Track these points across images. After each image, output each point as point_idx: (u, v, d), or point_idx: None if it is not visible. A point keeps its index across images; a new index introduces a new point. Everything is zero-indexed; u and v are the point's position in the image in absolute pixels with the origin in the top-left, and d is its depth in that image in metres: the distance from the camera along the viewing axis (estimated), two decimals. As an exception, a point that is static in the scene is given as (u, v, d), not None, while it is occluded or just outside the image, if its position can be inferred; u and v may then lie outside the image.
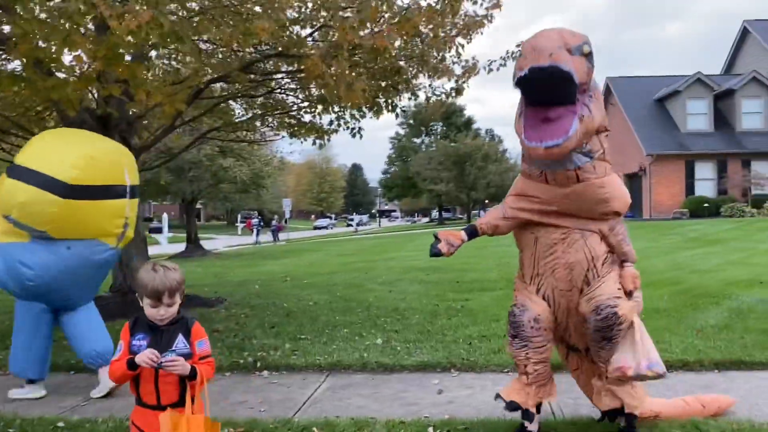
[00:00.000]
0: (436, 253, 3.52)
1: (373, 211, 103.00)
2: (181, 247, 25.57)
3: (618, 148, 34.18)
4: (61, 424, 4.14)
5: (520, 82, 3.06)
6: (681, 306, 7.46)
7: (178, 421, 2.49)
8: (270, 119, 9.40)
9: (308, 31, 6.77)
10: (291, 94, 8.81)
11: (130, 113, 8.49)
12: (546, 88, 3.07)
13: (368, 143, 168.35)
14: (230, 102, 8.84)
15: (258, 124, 9.68)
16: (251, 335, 6.71)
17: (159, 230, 32.85)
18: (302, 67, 5.96)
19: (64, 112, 7.93)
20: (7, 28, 6.21)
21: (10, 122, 8.92)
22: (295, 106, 8.89)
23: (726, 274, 10.11)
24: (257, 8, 5.85)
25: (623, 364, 3.41)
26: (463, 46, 7.94)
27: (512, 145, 64.41)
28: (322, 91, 6.46)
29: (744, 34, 34.97)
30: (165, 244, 29.07)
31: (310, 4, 6.05)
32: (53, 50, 5.58)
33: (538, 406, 3.65)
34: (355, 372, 5.38)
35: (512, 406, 3.57)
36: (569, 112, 3.11)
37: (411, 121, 57.84)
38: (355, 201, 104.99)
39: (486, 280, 10.86)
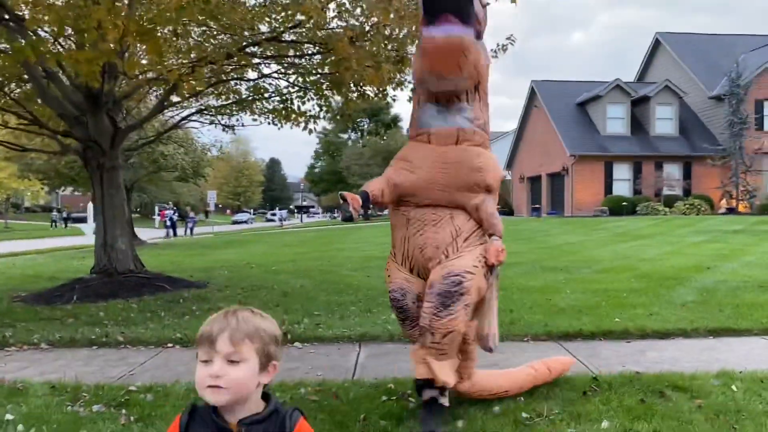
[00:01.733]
0: (349, 217, 3.21)
1: (291, 206, 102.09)
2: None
3: (543, 149, 35.92)
4: (133, 387, 4.19)
5: None
6: (651, 287, 8.18)
7: None
8: (259, 104, 9.43)
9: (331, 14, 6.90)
10: (282, 79, 8.91)
11: (116, 94, 8.32)
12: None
13: (286, 139, 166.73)
14: (239, 82, 8.78)
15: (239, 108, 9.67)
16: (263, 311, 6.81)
17: (83, 220, 31.37)
18: (330, 49, 6.13)
19: (46, 88, 7.73)
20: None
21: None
22: (287, 90, 8.99)
23: (672, 262, 11.06)
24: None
25: (495, 331, 3.63)
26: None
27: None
28: (337, 73, 6.66)
29: (656, 45, 37.56)
30: (90, 234, 27.87)
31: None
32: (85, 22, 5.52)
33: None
34: (384, 342, 5.64)
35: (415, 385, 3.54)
36: (467, 28, 3.11)
37: (338, 116, 57.94)
38: (272, 196, 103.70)
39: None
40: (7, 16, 6.54)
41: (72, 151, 8.91)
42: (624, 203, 30.21)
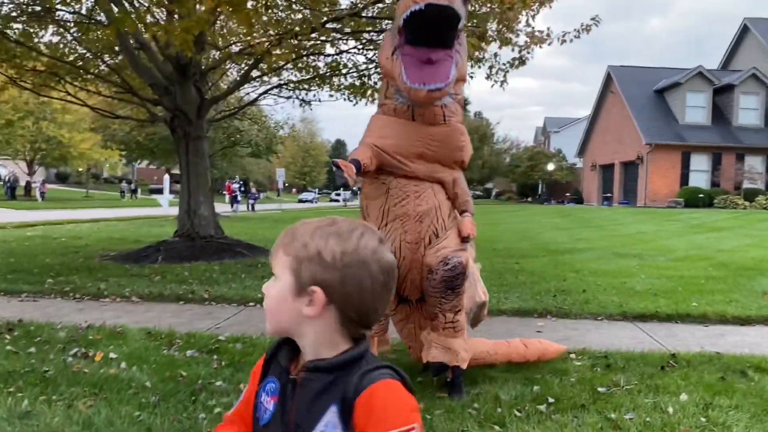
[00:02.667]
0: (344, 183, 3.09)
1: (354, 188, 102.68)
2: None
3: (616, 136, 34.89)
4: (221, 337, 4.46)
5: (414, 17, 2.94)
6: (730, 276, 7.93)
7: None
8: (336, 80, 9.63)
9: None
10: (360, 53, 9.06)
11: (204, 66, 8.65)
12: (437, 28, 3.05)
13: (352, 120, 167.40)
14: (311, 57, 9.02)
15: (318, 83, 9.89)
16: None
17: (160, 191, 32.62)
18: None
19: (138, 58, 8.11)
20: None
21: (68, 65, 9.02)
22: (364, 66, 9.14)
23: (753, 254, 10.65)
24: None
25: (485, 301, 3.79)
26: (533, 17, 8.26)
27: (502, 130, 64.23)
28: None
29: (744, 31, 35.68)
30: (166, 206, 29.02)
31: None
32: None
33: None
34: (456, 314, 5.74)
35: None
36: (448, 56, 3.11)
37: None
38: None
39: (522, 248, 11.29)
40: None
41: (160, 120, 9.35)
42: (700, 195, 29.09)
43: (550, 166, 46.88)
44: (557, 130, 58.89)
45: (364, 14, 8.26)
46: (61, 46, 8.92)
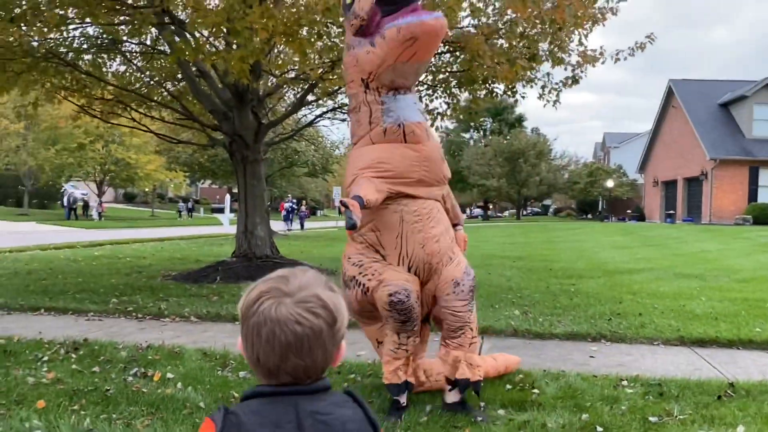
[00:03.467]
0: (353, 225, 3.01)
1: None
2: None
3: (679, 152, 33.87)
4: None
5: None
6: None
7: None
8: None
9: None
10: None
11: (261, 92, 8.93)
12: None
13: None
14: None
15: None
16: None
17: (221, 210, 33.52)
18: (461, 44, 6.28)
19: (200, 86, 8.44)
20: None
21: (133, 94, 9.50)
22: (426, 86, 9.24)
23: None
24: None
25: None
26: (586, 36, 8.19)
27: (560, 146, 63.23)
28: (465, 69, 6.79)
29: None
30: (227, 225, 29.82)
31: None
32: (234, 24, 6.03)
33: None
34: (508, 337, 5.70)
35: (404, 387, 3.48)
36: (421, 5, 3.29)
37: (461, 116, 57.77)
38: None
39: (579, 269, 11.09)
40: (167, 20, 7.26)
41: (219, 144, 9.69)
42: (771, 212, 27.85)
43: (610, 183, 45.83)
44: (617, 146, 57.61)
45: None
46: (127, 74, 9.38)
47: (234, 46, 6.79)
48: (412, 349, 3.55)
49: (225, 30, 6.23)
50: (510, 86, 7.97)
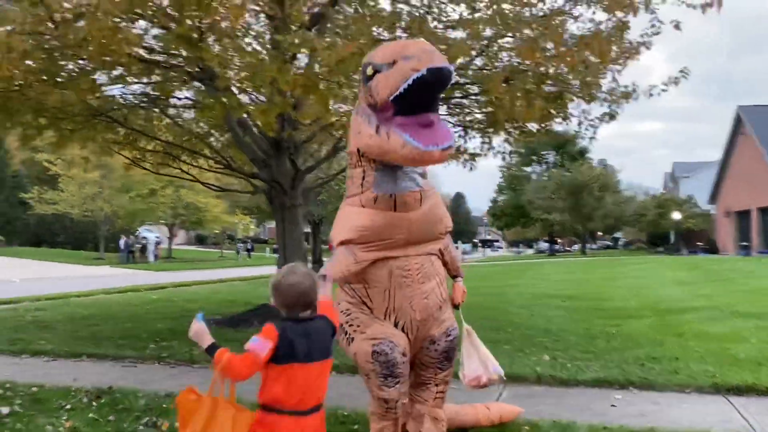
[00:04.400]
0: None
1: (474, 240, 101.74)
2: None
3: (750, 181, 32.36)
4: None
5: (416, 84, 2.89)
6: None
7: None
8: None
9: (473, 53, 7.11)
10: (445, 119, 9.26)
11: (297, 139, 9.19)
12: (438, 91, 3.11)
13: (469, 173, 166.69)
14: None
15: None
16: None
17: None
18: (479, 88, 6.33)
19: (241, 136, 8.78)
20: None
21: (182, 148, 10.00)
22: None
23: None
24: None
25: (478, 374, 3.69)
26: (619, 72, 8.08)
27: (626, 176, 61.61)
28: (489, 110, 6.80)
29: None
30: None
31: (488, 30, 6.34)
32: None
33: None
34: (531, 384, 5.55)
35: None
36: (439, 119, 3.14)
37: (522, 150, 57.34)
38: (457, 229, 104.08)
39: (629, 308, 10.70)
40: (197, 72, 7.60)
41: (260, 191, 10.00)
42: None
43: (677, 215, 43.93)
44: (687, 175, 55.52)
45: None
46: (174, 128, 9.87)
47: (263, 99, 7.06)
48: (400, 409, 3.46)
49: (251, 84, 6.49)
50: (542, 126, 7.91)
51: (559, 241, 72.93)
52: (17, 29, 5.35)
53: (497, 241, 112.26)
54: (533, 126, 8.61)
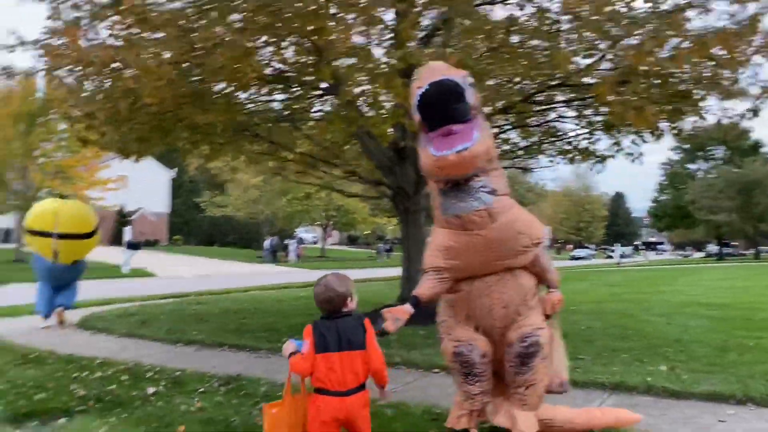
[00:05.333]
0: (382, 331, 3.46)
1: (636, 242, 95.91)
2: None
3: None
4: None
5: (421, 100, 3.31)
6: None
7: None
8: (547, 146, 9.81)
9: (588, 60, 7.00)
10: (568, 121, 9.13)
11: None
12: (444, 102, 3.30)
13: (632, 171, 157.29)
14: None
15: (535, 150, 10.16)
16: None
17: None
18: (590, 94, 6.25)
19: (368, 145, 9.29)
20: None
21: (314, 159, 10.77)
22: (573, 132, 9.16)
23: None
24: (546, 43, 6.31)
25: (564, 379, 3.94)
26: (761, 65, 7.50)
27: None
28: (607, 117, 6.66)
29: None
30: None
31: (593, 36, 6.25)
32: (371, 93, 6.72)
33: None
34: (639, 394, 5.40)
35: None
36: (468, 127, 3.33)
37: (686, 146, 53.21)
38: (617, 231, 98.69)
39: (783, 320, 9.79)
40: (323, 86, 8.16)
41: (387, 196, 10.50)
42: None
43: None
44: None
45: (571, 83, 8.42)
46: (307, 139, 10.68)
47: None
48: (479, 404, 3.82)
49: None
50: (654, 130, 7.55)
51: (733, 244, 66.65)
52: (165, 59, 6.20)
53: (662, 243, 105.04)
54: (664, 125, 8.24)
